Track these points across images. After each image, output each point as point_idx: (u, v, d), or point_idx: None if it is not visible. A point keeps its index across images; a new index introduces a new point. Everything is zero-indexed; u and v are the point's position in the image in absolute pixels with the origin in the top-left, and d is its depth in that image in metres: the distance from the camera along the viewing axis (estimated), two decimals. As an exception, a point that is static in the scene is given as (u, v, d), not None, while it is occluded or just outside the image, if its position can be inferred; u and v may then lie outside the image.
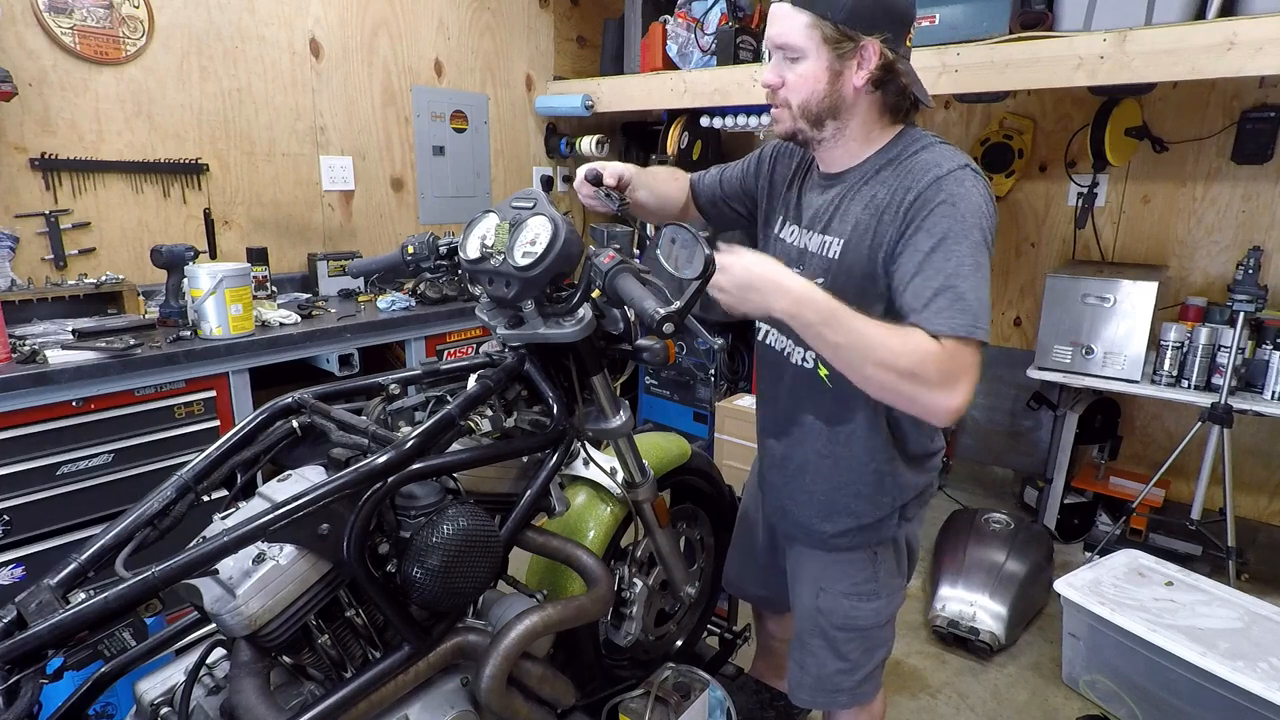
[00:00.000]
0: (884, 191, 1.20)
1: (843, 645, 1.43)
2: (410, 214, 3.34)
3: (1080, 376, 2.73)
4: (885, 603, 1.42)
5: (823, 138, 1.26)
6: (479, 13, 3.44)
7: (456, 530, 1.07)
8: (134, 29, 2.41)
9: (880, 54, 1.16)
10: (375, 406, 1.28)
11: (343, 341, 2.46)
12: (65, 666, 0.88)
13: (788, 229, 1.39)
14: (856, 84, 1.18)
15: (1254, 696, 1.73)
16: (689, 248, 1.21)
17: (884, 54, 1.16)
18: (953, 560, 2.57)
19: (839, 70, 1.18)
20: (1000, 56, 2.41)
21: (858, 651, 1.44)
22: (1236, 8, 2.14)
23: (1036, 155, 3.27)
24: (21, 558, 1.86)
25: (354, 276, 1.65)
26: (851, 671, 1.45)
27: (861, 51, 1.16)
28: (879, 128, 1.25)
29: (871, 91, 1.20)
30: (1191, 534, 2.75)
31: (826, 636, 1.44)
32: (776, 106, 1.26)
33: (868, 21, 1.14)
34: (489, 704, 1.18)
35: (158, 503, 1.10)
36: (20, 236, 2.25)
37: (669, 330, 1.06)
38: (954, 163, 1.16)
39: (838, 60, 1.17)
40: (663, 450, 1.79)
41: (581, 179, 1.46)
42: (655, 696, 1.56)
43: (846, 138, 1.25)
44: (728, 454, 3.01)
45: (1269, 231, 2.83)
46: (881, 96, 1.21)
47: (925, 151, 1.21)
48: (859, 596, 1.40)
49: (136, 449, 2.02)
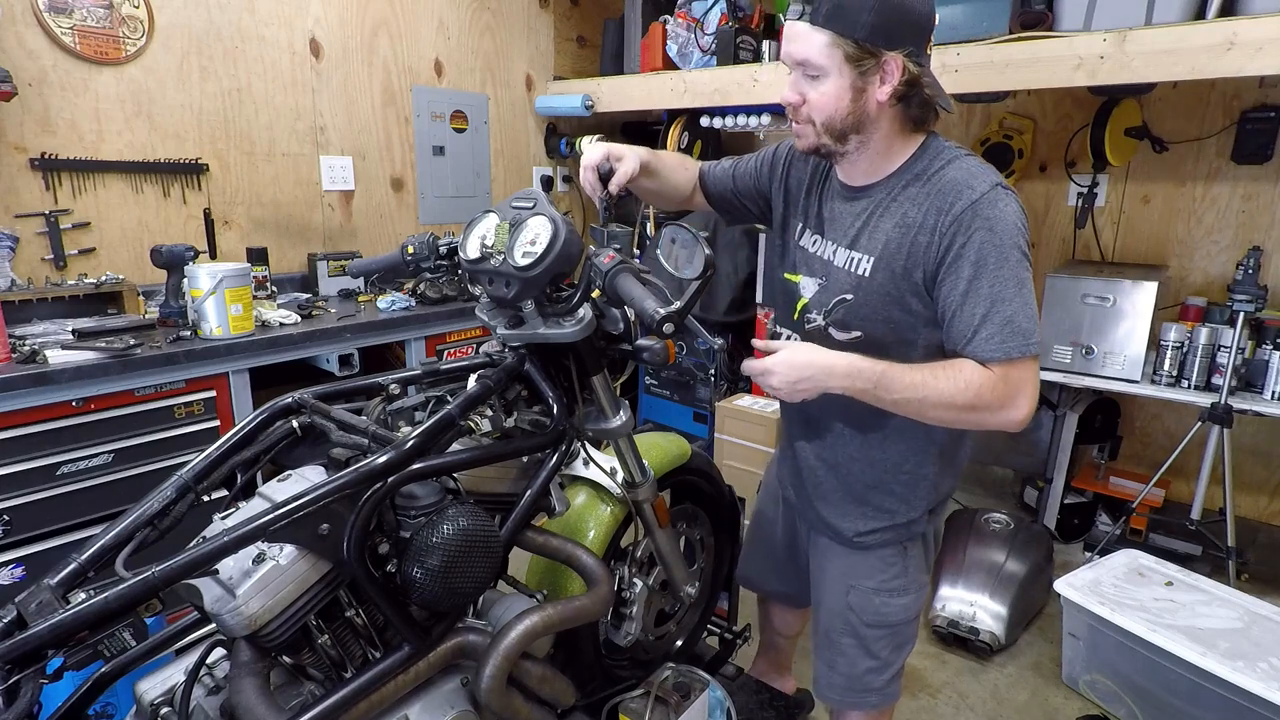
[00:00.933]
0: (915, 211, 1.20)
1: (873, 643, 1.44)
2: (410, 214, 3.34)
3: (1080, 376, 2.73)
4: (914, 598, 1.44)
5: (846, 151, 1.24)
6: (479, 13, 3.44)
7: (456, 530, 1.07)
8: (134, 29, 2.41)
9: (904, 68, 1.15)
10: (375, 406, 1.28)
11: (343, 341, 2.46)
12: (65, 666, 0.88)
13: (808, 237, 1.38)
14: (880, 99, 1.17)
15: (1254, 696, 1.73)
16: (689, 248, 1.22)
17: (907, 68, 1.15)
18: (953, 560, 2.57)
19: (862, 87, 1.16)
20: (1000, 56, 2.41)
21: (887, 649, 1.45)
22: (1236, 8, 2.14)
23: (1036, 155, 3.27)
24: (21, 558, 1.86)
25: (354, 276, 1.65)
26: (881, 670, 1.46)
27: (884, 67, 1.15)
28: (901, 139, 1.24)
29: (895, 105, 1.19)
30: (1191, 534, 2.74)
31: (858, 634, 1.45)
32: (799, 123, 1.24)
33: (889, 37, 1.12)
34: (489, 704, 1.18)
35: (158, 503, 1.10)
36: (20, 236, 2.26)
37: (669, 330, 1.07)
38: (986, 183, 1.16)
39: (860, 77, 1.15)
40: (663, 450, 1.79)
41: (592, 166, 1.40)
42: (655, 696, 1.56)
43: (870, 150, 1.24)
44: (728, 454, 3.00)
45: (1269, 231, 2.83)
46: (904, 109, 1.20)
47: (953, 168, 1.20)
48: (890, 592, 1.41)
49: (136, 449, 2.02)
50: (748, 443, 2.93)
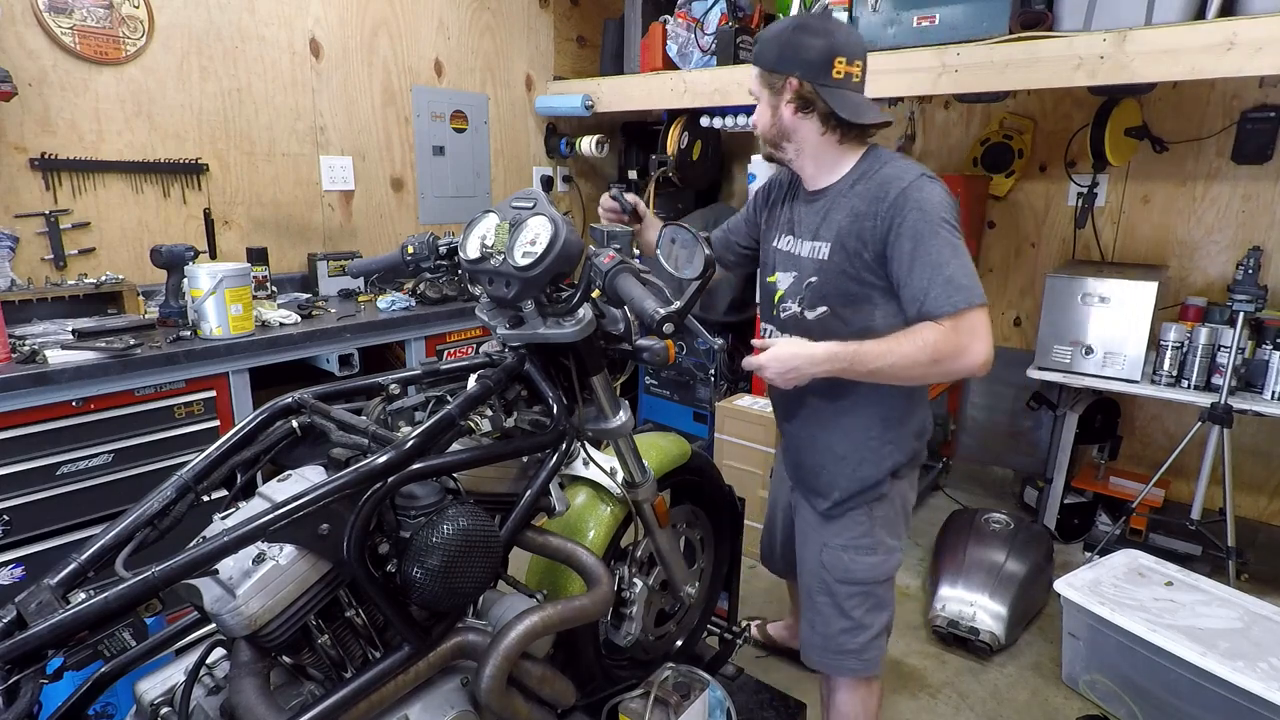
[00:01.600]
0: (861, 203, 1.44)
1: (845, 601, 1.59)
2: (410, 214, 3.34)
3: (1080, 376, 2.73)
4: (882, 559, 1.58)
5: (788, 157, 1.55)
6: (479, 13, 3.44)
7: (456, 530, 1.07)
8: (134, 29, 2.41)
9: (795, 88, 1.44)
10: (375, 406, 1.28)
11: (343, 341, 2.46)
12: (65, 666, 0.88)
13: (783, 239, 1.62)
14: (787, 113, 1.48)
15: (1254, 696, 1.73)
16: (689, 248, 1.22)
17: (800, 87, 1.44)
18: (953, 560, 2.57)
19: (776, 105, 1.49)
20: (1000, 56, 2.41)
21: (860, 609, 1.59)
22: (1236, 8, 2.14)
23: (1036, 155, 3.27)
24: (21, 558, 1.86)
25: (354, 276, 1.65)
26: (854, 631, 1.60)
27: (786, 87, 1.46)
28: (838, 149, 1.50)
29: (805, 116, 1.47)
30: (1191, 534, 2.74)
31: (830, 592, 1.60)
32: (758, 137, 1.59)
33: (785, 65, 1.45)
34: (489, 704, 1.18)
35: (158, 503, 1.10)
36: (20, 236, 2.25)
37: (669, 330, 1.07)
38: (913, 174, 1.41)
39: (774, 97, 1.49)
40: (663, 450, 1.80)
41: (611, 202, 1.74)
42: (655, 696, 1.56)
43: (808, 156, 1.52)
44: (728, 454, 3.00)
45: (1269, 231, 2.83)
46: (824, 124, 1.47)
47: (888, 167, 1.45)
48: (856, 550, 1.58)
49: (136, 449, 2.02)
50: (748, 443, 2.93)
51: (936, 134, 3.50)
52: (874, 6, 2.67)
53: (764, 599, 2.70)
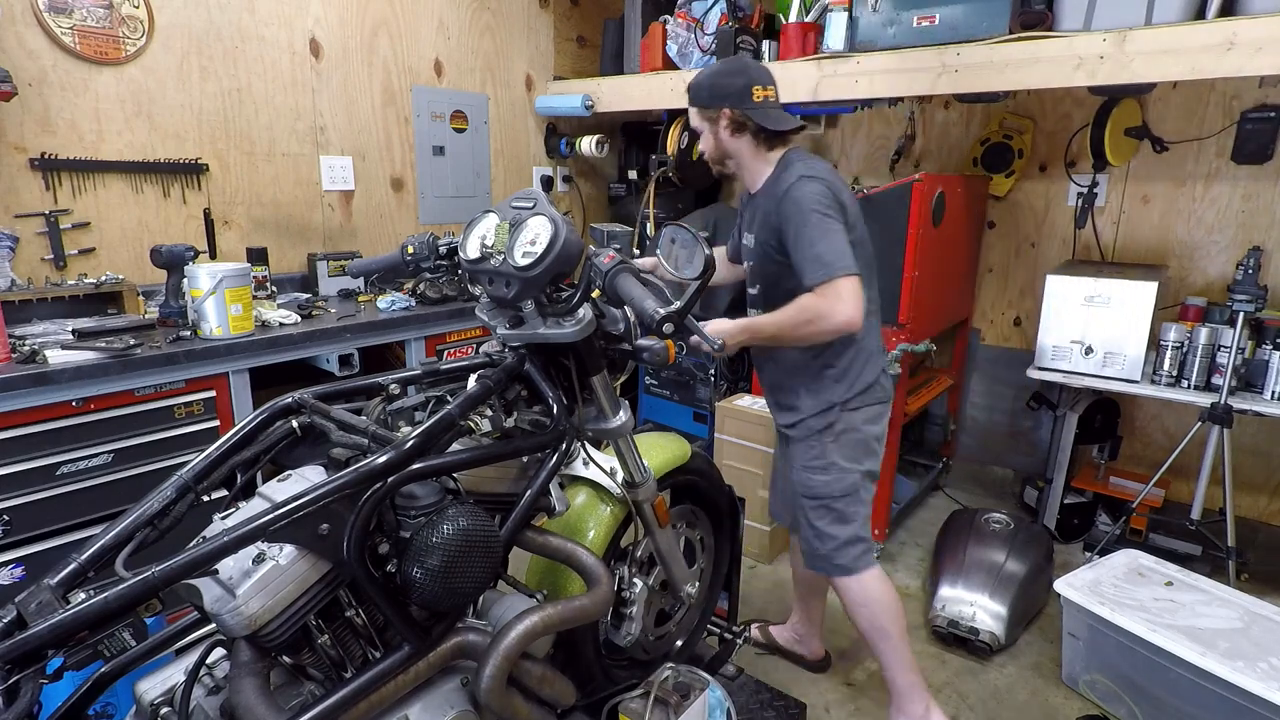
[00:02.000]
0: (769, 202, 1.78)
1: (810, 513, 1.88)
2: (410, 214, 3.34)
3: (1080, 376, 2.73)
4: (835, 478, 1.84)
5: (731, 171, 1.90)
6: (479, 13, 3.44)
7: (456, 530, 1.08)
8: (134, 29, 2.41)
9: (728, 116, 1.78)
10: (375, 406, 1.28)
11: (343, 341, 2.46)
12: (65, 666, 0.88)
13: (745, 236, 1.94)
14: (725, 136, 1.81)
15: (1254, 696, 1.73)
16: (689, 248, 1.22)
17: (731, 115, 1.77)
18: (953, 560, 2.57)
19: (716, 131, 1.82)
20: (1000, 56, 2.41)
21: (822, 520, 1.86)
22: (1236, 8, 2.14)
23: (1036, 155, 3.27)
24: (21, 558, 1.86)
25: (354, 276, 1.65)
26: (822, 539, 1.87)
27: (720, 116, 1.79)
28: (765, 158, 1.83)
29: (738, 136, 1.80)
30: (1191, 534, 2.74)
31: (801, 505, 1.90)
32: None
33: (717, 100, 1.79)
34: (489, 704, 1.18)
35: (158, 503, 1.10)
36: (20, 236, 2.26)
37: (669, 330, 1.07)
38: (795, 176, 1.72)
39: (713, 126, 1.82)
40: (663, 450, 1.80)
41: None
42: (655, 696, 1.56)
43: (745, 167, 1.86)
44: (728, 454, 3.00)
45: (1269, 231, 2.83)
46: (750, 137, 1.80)
47: (786, 171, 1.77)
48: (812, 470, 1.86)
49: (136, 449, 2.02)
50: (748, 443, 2.93)
51: (936, 134, 3.50)
52: (874, 6, 2.67)
53: (764, 599, 2.70)
